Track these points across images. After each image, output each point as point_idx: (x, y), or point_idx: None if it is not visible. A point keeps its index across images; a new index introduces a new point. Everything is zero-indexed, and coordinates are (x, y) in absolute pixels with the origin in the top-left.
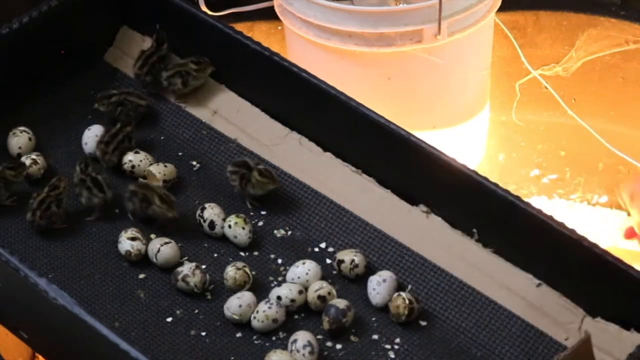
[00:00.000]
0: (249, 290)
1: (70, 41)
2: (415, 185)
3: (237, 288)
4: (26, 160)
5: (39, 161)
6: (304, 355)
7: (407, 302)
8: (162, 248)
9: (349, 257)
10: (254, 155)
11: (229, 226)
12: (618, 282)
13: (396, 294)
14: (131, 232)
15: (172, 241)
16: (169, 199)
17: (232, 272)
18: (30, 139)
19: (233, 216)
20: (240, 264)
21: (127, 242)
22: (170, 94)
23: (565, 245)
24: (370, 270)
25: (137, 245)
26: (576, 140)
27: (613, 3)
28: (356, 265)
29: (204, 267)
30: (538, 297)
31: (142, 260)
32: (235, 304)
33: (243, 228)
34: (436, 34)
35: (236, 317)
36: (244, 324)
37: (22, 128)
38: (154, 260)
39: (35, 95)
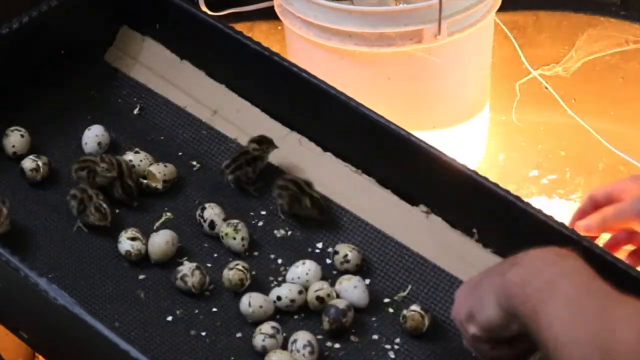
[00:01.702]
0: (250, 287)
1: (70, 41)
2: (415, 185)
3: (236, 287)
4: (26, 161)
5: (39, 162)
6: (304, 355)
7: (422, 313)
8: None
9: (344, 251)
10: None
11: (221, 237)
12: (618, 281)
13: (411, 310)
14: (131, 232)
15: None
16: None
17: (226, 274)
18: (22, 135)
19: (224, 225)
20: (232, 264)
21: (127, 242)
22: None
23: (565, 245)
24: (363, 270)
25: (137, 245)
26: (576, 140)
27: (613, 3)
28: (347, 261)
29: (204, 267)
30: None
31: (142, 260)
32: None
33: (234, 238)
34: (436, 34)
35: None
36: (244, 324)
37: (14, 127)
38: (151, 256)
39: (35, 95)
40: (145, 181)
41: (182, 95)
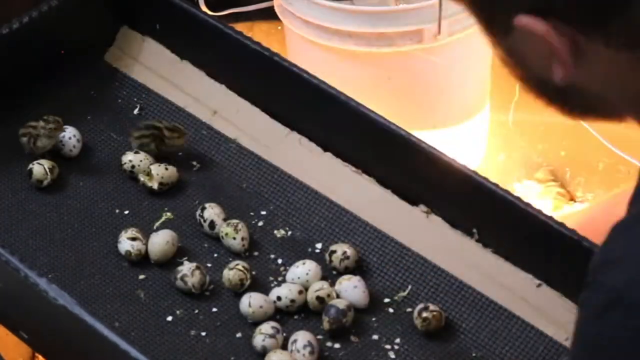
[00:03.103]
0: (250, 287)
1: (70, 41)
2: (415, 185)
3: (236, 287)
4: (36, 167)
5: (45, 166)
6: (304, 355)
7: (442, 312)
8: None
9: (342, 249)
10: (254, 155)
11: (221, 237)
12: None
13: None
14: (131, 232)
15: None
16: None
17: (226, 274)
18: None
19: (224, 225)
20: (232, 264)
21: (127, 242)
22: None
23: (565, 245)
24: (363, 270)
25: (137, 245)
26: (576, 140)
27: None
28: (347, 257)
29: (204, 267)
30: (538, 297)
31: (142, 260)
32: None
33: (234, 238)
34: (436, 34)
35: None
36: (244, 324)
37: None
38: (151, 256)
39: (35, 95)
40: (142, 179)
41: (182, 95)
